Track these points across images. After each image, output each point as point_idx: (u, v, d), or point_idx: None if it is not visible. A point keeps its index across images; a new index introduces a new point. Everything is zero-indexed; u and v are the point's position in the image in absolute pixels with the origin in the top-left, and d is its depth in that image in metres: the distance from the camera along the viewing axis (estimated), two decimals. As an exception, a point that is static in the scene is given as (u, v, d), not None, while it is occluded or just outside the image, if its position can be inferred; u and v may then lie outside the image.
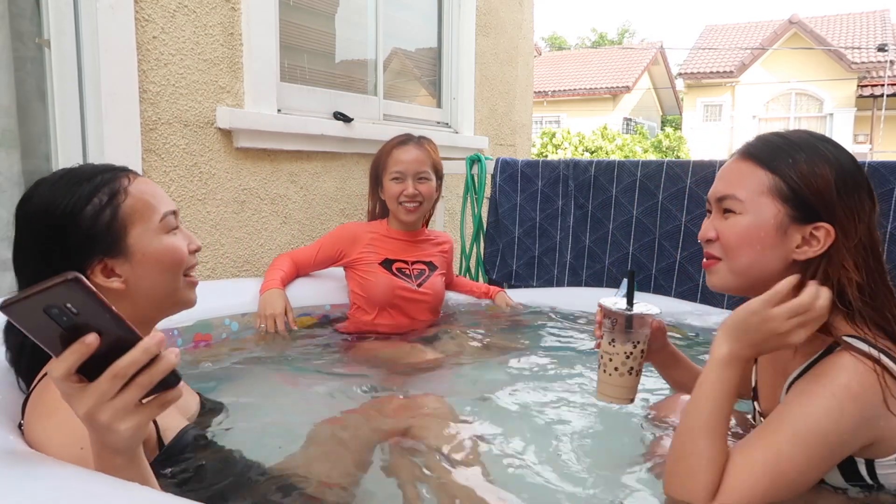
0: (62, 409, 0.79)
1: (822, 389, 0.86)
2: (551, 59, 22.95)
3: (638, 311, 1.09)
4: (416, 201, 2.00)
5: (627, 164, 2.42)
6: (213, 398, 1.22)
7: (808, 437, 0.86)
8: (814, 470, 0.87)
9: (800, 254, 0.93)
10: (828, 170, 0.92)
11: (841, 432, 0.85)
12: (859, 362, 0.86)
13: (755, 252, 0.95)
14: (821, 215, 0.92)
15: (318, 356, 1.82)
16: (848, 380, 0.85)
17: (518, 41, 3.89)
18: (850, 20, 18.13)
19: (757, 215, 0.95)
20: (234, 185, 2.21)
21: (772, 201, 0.94)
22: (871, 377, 0.85)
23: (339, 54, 2.85)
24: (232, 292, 1.98)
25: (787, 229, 0.93)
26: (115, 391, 0.62)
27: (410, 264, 2.05)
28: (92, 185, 0.91)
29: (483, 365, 1.80)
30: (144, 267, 0.93)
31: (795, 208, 0.93)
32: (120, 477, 0.69)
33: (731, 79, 17.26)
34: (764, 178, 0.95)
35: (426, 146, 2.06)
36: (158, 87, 1.94)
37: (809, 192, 0.92)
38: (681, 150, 15.39)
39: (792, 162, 0.93)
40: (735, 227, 0.96)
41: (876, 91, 15.82)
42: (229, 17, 2.15)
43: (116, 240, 0.91)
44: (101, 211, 0.90)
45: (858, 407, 0.85)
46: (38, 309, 0.58)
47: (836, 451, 0.88)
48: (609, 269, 2.48)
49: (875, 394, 0.85)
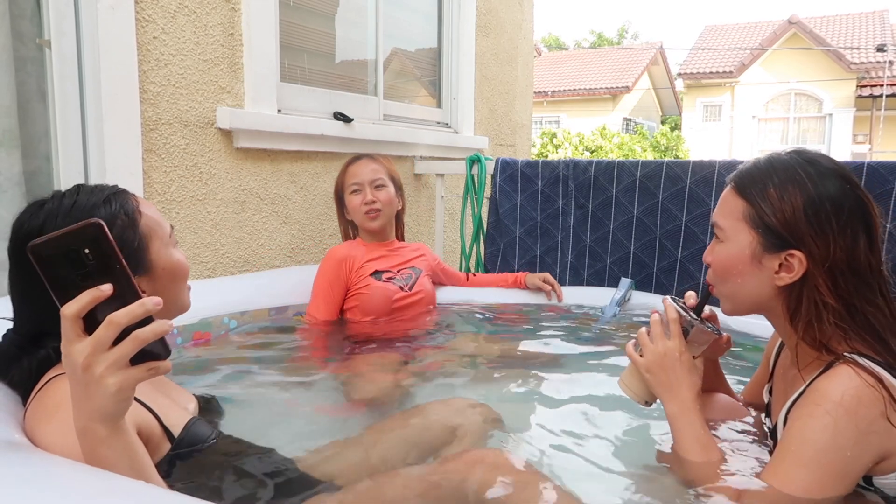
0: (63, 411, 0.81)
1: (815, 409, 0.87)
2: (551, 60, 22.95)
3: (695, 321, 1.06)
4: (376, 208, 2.07)
5: (627, 164, 2.42)
6: (212, 395, 1.22)
7: (812, 459, 0.86)
8: (830, 489, 0.86)
9: (778, 280, 0.95)
10: (798, 197, 0.91)
11: (840, 448, 0.85)
12: (854, 377, 0.86)
13: (736, 279, 0.99)
14: (791, 243, 0.92)
15: (316, 354, 1.82)
16: (840, 395, 0.85)
17: (518, 41, 3.89)
18: (850, 20, 18.13)
19: (735, 243, 0.97)
20: (234, 186, 2.21)
21: (747, 229, 0.96)
22: (866, 391, 0.85)
23: (339, 54, 2.85)
24: (230, 290, 1.98)
25: (761, 258, 0.95)
26: (111, 341, 0.64)
27: (397, 271, 2.10)
28: (111, 210, 0.94)
29: (497, 366, 1.78)
30: (163, 280, 1.00)
31: (766, 236, 0.94)
32: (105, 453, 0.69)
33: (731, 79, 17.26)
34: (738, 204, 0.97)
35: (379, 158, 2.17)
36: (159, 87, 1.94)
37: (776, 221, 0.93)
38: (679, 150, 15.39)
39: (762, 189, 0.94)
40: (719, 255, 1.00)
41: (875, 91, 15.82)
42: (229, 17, 2.15)
43: (142, 258, 0.96)
44: (124, 232, 0.94)
45: (853, 421, 0.84)
46: (59, 251, 0.63)
47: (849, 467, 0.86)
48: (610, 268, 2.48)
49: (871, 407, 0.84)
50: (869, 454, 0.86)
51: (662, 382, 1.04)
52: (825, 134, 16.66)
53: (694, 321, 1.06)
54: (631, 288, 2.27)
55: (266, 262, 2.35)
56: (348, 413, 1.43)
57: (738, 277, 0.98)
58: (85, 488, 0.71)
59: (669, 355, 1.04)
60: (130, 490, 0.70)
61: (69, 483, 0.72)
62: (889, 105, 15.82)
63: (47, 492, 0.69)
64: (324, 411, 1.43)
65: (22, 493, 0.68)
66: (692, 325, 1.06)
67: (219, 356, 1.70)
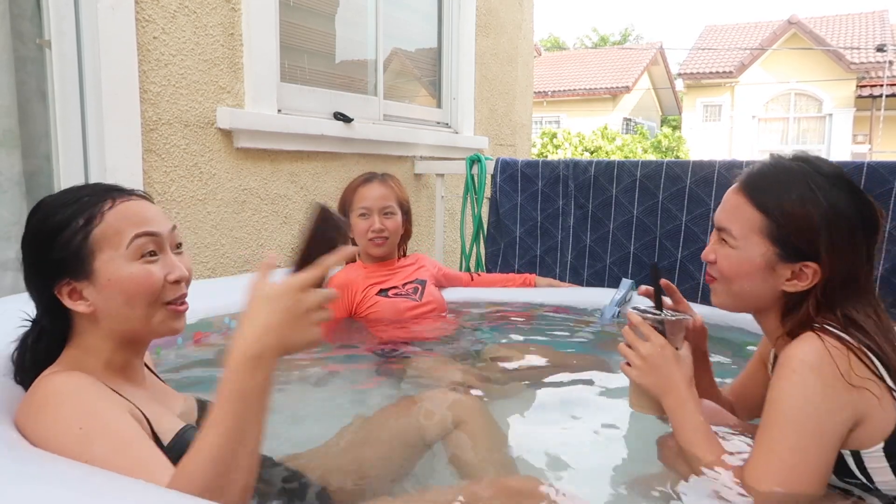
0: (52, 401, 0.85)
1: (782, 371, 0.93)
2: (551, 60, 22.95)
3: (670, 316, 1.08)
4: (383, 236, 2.04)
5: (627, 165, 2.43)
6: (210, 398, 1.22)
7: (788, 419, 0.91)
8: (812, 453, 0.90)
9: (789, 286, 1.01)
10: (814, 213, 0.97)
11: (809, 402, 0.90)
12: (817, 339, 0.92)
13: (745, 282, 1.03)
14: (806, 255, 0.98)
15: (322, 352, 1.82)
16: (803, 355, 0.92)
17: (518, 41, 3.90)
18: (849, 20, 18.13)
19: (747, 251, 1.02)
20: (234, 186, 2.21)
21: (761, 240, 1.01)
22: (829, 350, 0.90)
23: (339, 54, 2.85)
24: (232, 290, 1.98)
25: (775, 266, 1.01)
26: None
27: (402, 286, 2.09)
28: (74, 209, 0.93)
29: (496, 366, 1.78)
30: (110, 293, 0.92)
31: (782, 247, 0.99)
32: (264, 383, 0.81)
33: (731, 79, 17.25)
34: (754, 217, 1.01)
35: (390, 182, 2.12)
36: (159, 87, 1.94)
37: (794, 235, 0.98)
38: (680, 150, 15.39)
39: (780, 202, 0.99)
40: (729, 259, 1.05)
41: (875, 91, 15.82)
42: (230, 17, 2.15)
43: (83, 264, 0.92)
44: (74, 234, 0.92)
45: (819, 376, 0.90)
46: (327, 221, 0.85)
47: (824, 425, 0.90)
48: (610, 268, 2.48)
49: (834, 363, 0.90)
50: (841, 411, 0.90)
51: (655, 384, 1.06)
52: (825, 134, 16.65)
53: (660, 316, 1.09)
54: (631, 289, 2.27)
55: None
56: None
57: (747, 281, 1.03)
58: (84, 486, 0.71)
59: (652, 356, 1.07)
60: (129, 488, 0.71)
61: (68, 480, 0.72)
62: (889, 105, 15.81)
63: (40, 488, 0.70)
64: (324, 410, 1.43)
65: (19, 490, 0.68)
66: (662, 322, 1.08)
67: (220, 355, 1.69)
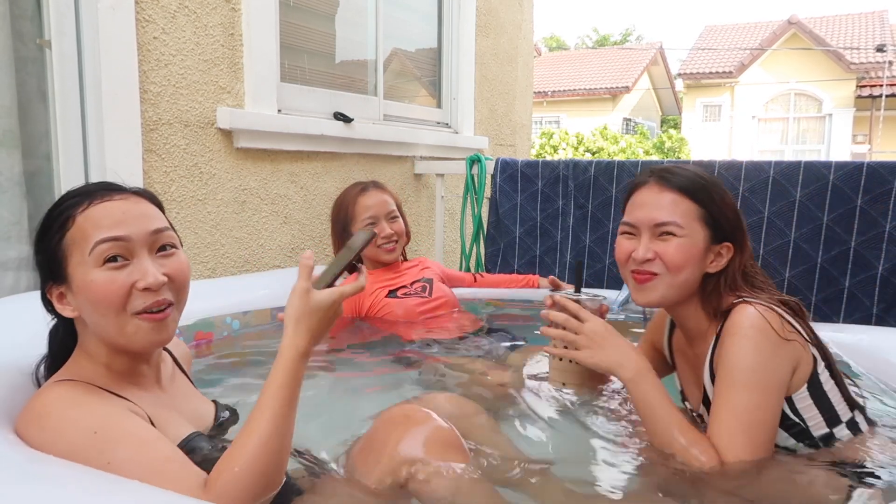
0: (57, 408, 0.83)
1: (733, 338, 1.06)
2: (551, 60, 22.94)
3: (585, 297, 1.23)
4: (393, 241, 2.07)
5: (627, 165, 2.43)
6: (222, 400, 1.20)
7: (752, 380, 1.03)
8: (774, 402, 1.05)
9: (712, 267, 1.16)
10: (730, 202, 1.18)
11: (764, 361, 1.04)
12: (751, 307, 1.07)
13: (689, 269, 1.15)
14: (727, 236, 1.16)
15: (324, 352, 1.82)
16: (749, 321, 1.05)
17: (518, 41, 3.90)
18: (849, 21, 18.12)
19: (693, 238, 1.15)
20: (234, 186, 2.21)
21: (701, 227, 1.16)
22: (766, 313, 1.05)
23: (339, 54, 2.85)
24: (232, 290, 1.98)
25: (708, 248, 1.16)
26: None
27: (410, 285, 2.10)
28: (59, 210, 0.91)
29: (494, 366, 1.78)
30: (82, 300, 0.89)
31: (713, 231, 1.16)
32: (298, 392, 0.90)
33: (731, 79, 17.25)
34: (691, 207, 1.16)
35: (384, 187, 2.16)
36: (159, 87, 1.94)
37: (724, 220, 1.16)
38: (682, 152, 15.39)
39: (712, 195, 1.17)
40: (680, 248, 1.15)
41: (875, 91, 15.81)
42: (230, 17, 2.15)
43: (59, 268, 0.90)
44: (51, 238, 0.90)
45: (767, 337, 1.04)
46: (362, 242, 1.01)
47: (773, 379, 1.05)
48: (609, 268, 2.48)
49: (773, 323, 1.05)
50: (787, 363, 1.06)
51: (606, 359, 1.14)
52: (825, 134, 16.65)
53: (582, 298, 1.23)
54: None
55: (266, 262, 2.36)
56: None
57: (689, 268, 1.15)
58: (85, 487, 0.71)
59: (597, 332, 1.16)
60: (130, 490, 0.71)
61: (69, 483, 0.72)
62: (889, 105, 15.80)
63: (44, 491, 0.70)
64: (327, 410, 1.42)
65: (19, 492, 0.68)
66: (581, 302, 1.21)
67: (223, 356, 1.69)
